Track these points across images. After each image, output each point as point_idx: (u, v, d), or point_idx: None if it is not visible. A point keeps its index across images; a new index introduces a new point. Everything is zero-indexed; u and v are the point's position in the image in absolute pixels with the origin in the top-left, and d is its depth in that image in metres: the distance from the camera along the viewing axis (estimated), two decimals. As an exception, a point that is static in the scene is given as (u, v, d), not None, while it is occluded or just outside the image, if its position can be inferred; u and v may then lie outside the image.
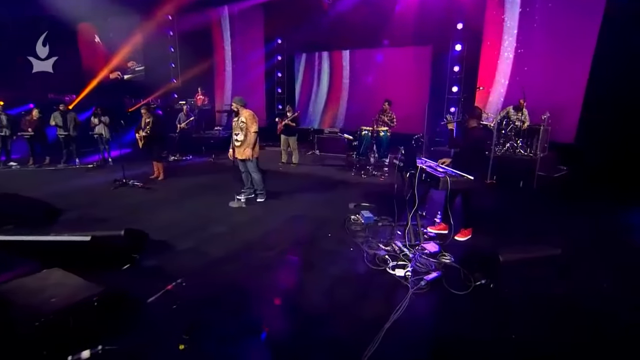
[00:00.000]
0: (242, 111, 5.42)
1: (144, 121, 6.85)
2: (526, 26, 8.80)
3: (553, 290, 3.04)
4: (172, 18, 14.15)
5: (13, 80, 12.48)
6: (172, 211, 5.17)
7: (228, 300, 2.92)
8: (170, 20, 14.20)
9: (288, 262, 3.56)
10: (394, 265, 3.40)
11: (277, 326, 2.59)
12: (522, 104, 7.09)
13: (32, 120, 8.61)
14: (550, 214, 5.27)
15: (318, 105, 13.23)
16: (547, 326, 2.65)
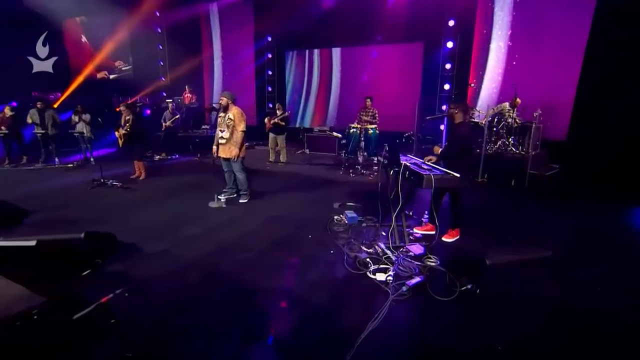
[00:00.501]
0: (231, 107, 5.18)
1: (124, 119, 6.59)
2: (518, 23, 8.65)
3: (544, 294, 2.85)
4: (160, 14, 13.88)
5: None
6: (148, 212, 4.93)
7: (191, 307, 2.69)
8: (159, 17, 13.92)
9: (261, 267, 3.33)
10: (375, 269, 3.19)
11: (240, 337, 2.37)
12: (517, 102, 6.92)
13: (4, 119, 8.26)
14: (542, 213, 5.09)
15: (309, 103, 13.01)
16: (537, 333, 2.46)
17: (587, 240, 4.06)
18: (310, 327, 2.50)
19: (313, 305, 2.74)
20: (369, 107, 7.92)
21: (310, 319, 2.57)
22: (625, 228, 4.51)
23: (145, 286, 2.98)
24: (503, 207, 5.40)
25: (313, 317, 2.60)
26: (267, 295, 2.86)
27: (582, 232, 4.33)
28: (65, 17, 13.75)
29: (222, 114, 5.20)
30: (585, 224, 4.60)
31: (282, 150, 8.67)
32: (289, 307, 2.72)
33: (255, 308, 2.69)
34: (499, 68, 8.98)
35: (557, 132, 7.89)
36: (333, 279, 3.12)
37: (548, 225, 4.57)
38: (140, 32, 13.57)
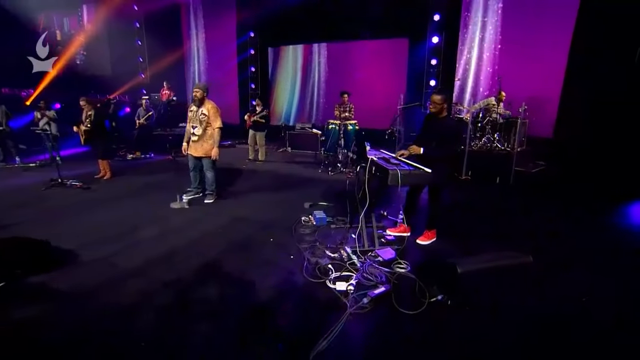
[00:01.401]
0: (206, 101, 4.75)
1: (85, 114, 6.13)
2: (504, 18, 8.39)
3: (523, 305, 2.51)
4: (139, 9, 13.38)
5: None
6: (101, 214, 4.49)
7: (117, 325, 2.30)
8: (137, 11, 13.42)
9: (208, 275, 2.94)
10: (335, 277, 2.82)
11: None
12: (502, 96, 6.63)
13: None
14: (527, 212, 4.79)
15: (293, 100, 12.64)
16: (513, 350, 2.12)
17: (572, 243, 3.75)
18: (251, 347, 2.12)
19: (257, 321, 2.35)
20: (346, 102, 7.57)
21: (252, 338, 2.19)
22: (613, 227, 4.21)
23: (67, 300, 2.57)
24: (486, 206, 5.08)
25: (255, 335, 2.22)
26: (206, 310, 2.47)
27: (567, 234, 4.02)
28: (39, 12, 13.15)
29: (195, 108, 4.78)
30: (571, 225, 4.31)
31: (261, 148, 8.28)
32: (228, 322, 2.33)
33: (188, 326, 2.30)
34: (484, 63, 8.71)
35: (544, 129, 7.65)
36: (287, 289, 2.74)
37: (532, 226, 4.26)
38: (118, 28, 13.02)
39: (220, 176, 6.57)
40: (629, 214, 4.67)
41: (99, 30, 13.10)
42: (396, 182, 2.77)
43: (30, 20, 12.26)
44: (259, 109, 7.92)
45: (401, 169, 2.84)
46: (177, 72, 13.51)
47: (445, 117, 3.31)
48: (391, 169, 2.81)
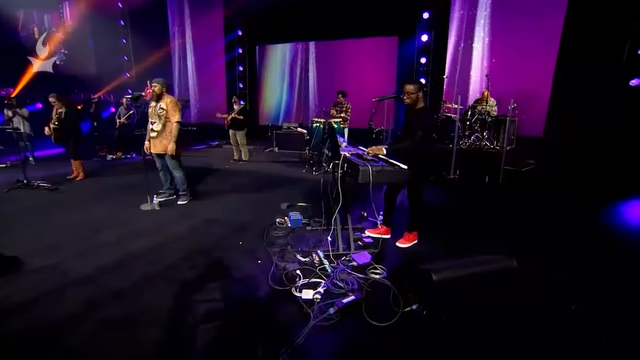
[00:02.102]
0: (165, 96, 4.51)
1: (55, 112, 5.82)
2: (494, 16, 8.22)
3: (506, 314, 2.27)
4: (123, 6, 13.05)
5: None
6: (63, 217, 4.19)
7: (52, 339, 2.02)
8: (121, 9, 13.09)
9: (164, 282, 2.66)
10: (302, 284, 2.57)
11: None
12: (485, 96, 6.45)
13: None
14: (516, 212, 4.58)
15: (282, 100, 12.38)
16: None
17: (562, 244, 3.54)
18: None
19: (209, 336, 2.09)
20: (342, 102, 7.35)
21: (201, 356, 1.93)
22: (604, 227, 4.01)
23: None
24: (474, 206, 4.86)
25: (205, 354, 1.95)
26: (152, 321, 2.20)
27: (556, 234, 3.81)
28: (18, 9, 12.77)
29: (154, 104, 4.53)
30: (561, 225, 4.10)
31: (243, 147, 8.00)
32: (175, 335, 2.06)
33: (131, 339, 2.03)
34: (474, 61, 8.53)
35: (534, 127, 7.48)
36: (247, 298, 2.48)
37: (520, 226, 4.04)
38: (102, 26, 12.67)
39: (199, 177, 6.36)
40: (621, 213, 4.48)
41: (81, 28, 12.75)
42: (367, 180, 2.52)
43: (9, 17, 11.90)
44: (236, 107, 7.65)
45: (373, 165, 2.59)
46: (164, 70, 13.14)
47: (421, 108, 3.07)
48: (362, 166, 2.56)
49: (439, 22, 9.05)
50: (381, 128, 7.83)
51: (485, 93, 6.49)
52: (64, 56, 13.05)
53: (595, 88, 6.36)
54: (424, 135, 2.88)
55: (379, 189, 3.98)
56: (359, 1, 9.76)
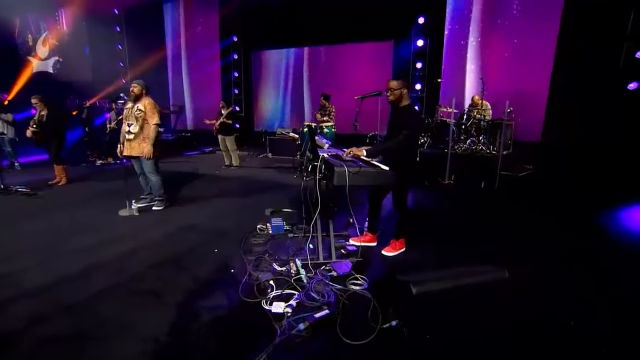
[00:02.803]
0: (143, 98, 4.36)
1: (38, 114, 5.66)
2: (489, 20, 8.12)
3: (497, 331, 2.04)
4: (119, 12, 13.05)
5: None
6: (36, 223, 3.98)
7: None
8: (117, 15, 13.08)
9: (127, 294, 2.44)
10: (274, 296, 2.34)
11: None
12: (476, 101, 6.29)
13: None
14: (511, 218, 4.35)
15: (277, 105, 12.26)
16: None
17: (559, 251, 3.31)
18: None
19: (162, 355, 1.86)
20: (326, 105, 7.17)
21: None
22: (603, 233, 3.78)
23: None
24: (468, 212, 4.64)
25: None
26: (103, 338, 1.97)
27: (554, 241, 3.58)
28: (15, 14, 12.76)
29: (130, 105, 4.37)
30: (558, 231, 3.87)
31: (233, 153, 7.82)
32: (125, 356, 1.84)
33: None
34: (469, 64, 8.40)
35: (532, 132, 7.30)
36: (213, 311, 2.25)
37: (515, 233, 3.81)
38: (98, 32, 12.63)
39: (186, 182, 6.17)
40: (620, 218, 4.25)
41: (78, 35, 12.72)
42: (343, 182, 2.32)
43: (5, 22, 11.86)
44: (224, 111, 7.49)
45: (350, 166, 2.39)
46: (158, 76, 13.09)
47: (406, 106, 2.88)
48: (337, 166, 2.36)
49: (435, 26, 8.96)
50: (375, 133, 7.65)
51: (476, 98, 6.32)
52: (58, 64, 12.99)
53: (594, 90, 6.19)
54: (408, 135, 2.68)
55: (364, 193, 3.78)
56: (353, 6, 9.69)
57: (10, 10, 11.67)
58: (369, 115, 8.38)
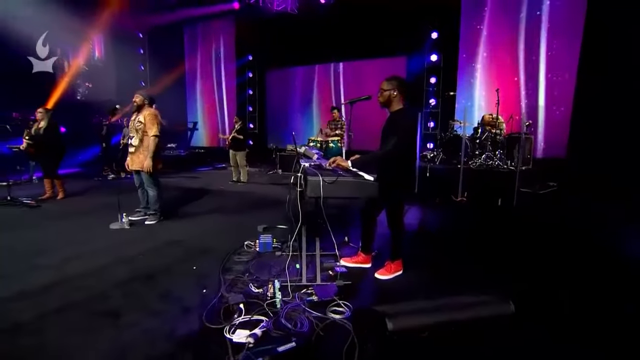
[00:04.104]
0: (144, 109, 4.31)
1: (36, 126, 5.71)
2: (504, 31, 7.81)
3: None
4: (143, 36, 13.69)
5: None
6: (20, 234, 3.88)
7: None
8: (141, 39, 13.73)
9: (76, 316, 2.22)
10: (239, 322, 2.05)
11: None
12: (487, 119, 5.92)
13: None
14: (529, 240, 3.88)
15: (291, 122, 12.25)
16: None
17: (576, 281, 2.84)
18: None
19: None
20: (337, 118, 6.99)
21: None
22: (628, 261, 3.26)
23: None
24: (480, 233, 4.20)
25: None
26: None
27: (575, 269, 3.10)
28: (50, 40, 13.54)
29: (133, 117, 4.32)
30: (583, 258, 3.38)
31: (242, 169, 7.71)
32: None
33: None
34: (484, 76, 8.05)
35: (555, 147, 6.78)
36: (169, 337, 1.98)
37: (531, 258, 3.35)
38: (124, 55, 13.24)
39: (188, 197, 6.06)
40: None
41: (107, 61, 13.37)
42: (317, 192, 2.04)
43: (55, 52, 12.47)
44: (237, 126, 7.45)
45: (326, 176, 2.11)
46: (177, 93, 13.48)
47: (399, 110, 2.60)
48: (311, 176, 2.09)
49: (448, 41, 8.73)
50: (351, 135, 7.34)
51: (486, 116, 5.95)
52: (87, 90, 13.56)
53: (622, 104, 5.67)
54: (397, 143, 2.38)
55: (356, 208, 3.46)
56: (365, 23, 9.65)
57: (42, 34, 12.39)
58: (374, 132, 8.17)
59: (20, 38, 9.81)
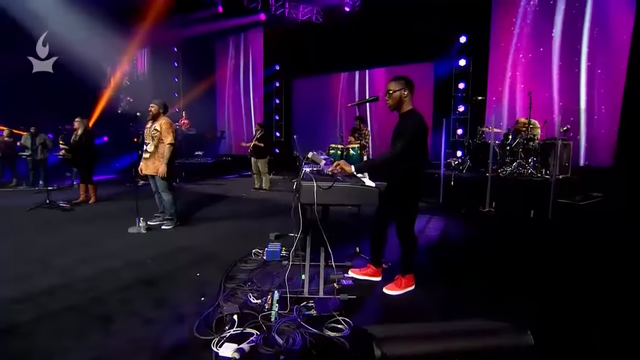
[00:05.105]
0: (160, 117, 4.45)
1: (74, 134, 6.08)
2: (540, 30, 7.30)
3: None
4: (177, 50, 14.39)
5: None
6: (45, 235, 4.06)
7: None
8: (176, 52, 14.43)
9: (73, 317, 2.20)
10: (233, 334, 1.93)
11: None
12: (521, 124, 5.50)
13: (3, 142, 8.42)
14: (563, 258, 3.47)
15: (317, 131, 12.23)
16: None
17: (615, 316, 2.45)
18: None
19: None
20: (361, 128, 6.85)
21: None
22: None
23: None
24: (507, 247, 3.83)
25: None
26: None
27: (611, 298, 2.70)
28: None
29: (149, 125, 4.46)
30: (621, 283, 2.95)
31: (264, 176, 7.74)
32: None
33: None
34: (517, 82, 7.54)
35: (600, 154, 6.15)
36: (156, 346, 1.90)
37: (564, 280, 2.97)
38: (162, 69, 13.95)
39: (207, 203, 6.14)
40: None
41: (147, 75, 14.18)
42: (311, 199, 1.90)
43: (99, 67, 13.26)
44: (258, 134, 7.50)
45: (321, 182, 1.96)
46: (207, 103, 13.94)
47: (408, 112, 2.40)
48: (306, 181, 1.95)
49: (478, 44, 8.32)
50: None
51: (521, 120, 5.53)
52: (127, 105, 14.38)
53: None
54: (406, 146, 2.19)
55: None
56: (390, 30, 9.46)
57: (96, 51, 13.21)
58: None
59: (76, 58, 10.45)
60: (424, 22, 8.84)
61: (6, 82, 10.03)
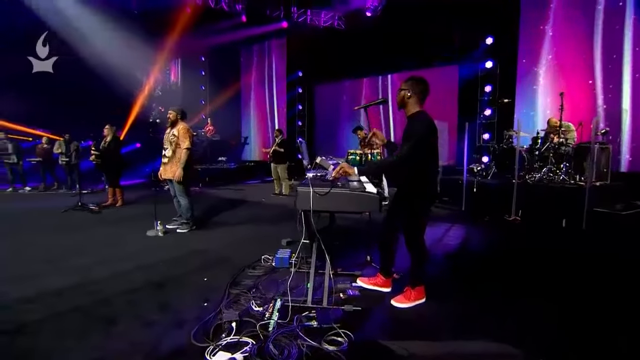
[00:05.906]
0: (178, 123, 4.59)
1: (104, 140, 6.39)
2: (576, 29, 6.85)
3: None
4: (204, 59, 14.90)
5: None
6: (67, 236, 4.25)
7: None
8: (203, 62, 14.96)
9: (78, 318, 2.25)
10: (230, 342, 1.89)
11: None
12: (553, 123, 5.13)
13: (41, 149, 9.02)
14: (597, 276, 3.15)
15: (340, 136, 12.18)
16: None
17: None
18: None
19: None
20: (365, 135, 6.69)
21: None
22: None
23: None
24: (533, 259, 3.55)
25: None
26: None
27: None
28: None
29: (168, 131, 4.59)
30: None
31: (284, 181, 7.76)
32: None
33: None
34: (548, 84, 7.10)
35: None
36: (152, 351, 1.89)
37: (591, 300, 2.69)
38: (190, 78, 14.49)
39: (226, 207, 6.22)
40: None
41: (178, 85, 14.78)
42: (306, 205, 1.82)
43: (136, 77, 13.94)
44: (278, 140, 7.54)
45: (318, 187, 1.88)
46: (232, 110, 14.28)
47: (415, 114, 2.28)
48: (302, 187, 1.88)
49: (505, 45, 7.95)
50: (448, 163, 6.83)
51: (553, 120, 5.16)
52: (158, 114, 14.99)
53: None
54: (412, 149, 2.07)
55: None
56: (413, 33, 9.26)
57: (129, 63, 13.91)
58: (444, 146, 7.66)
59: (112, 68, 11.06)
60: (448, 24, 8.60)
61: (45, 90, 10.78)
